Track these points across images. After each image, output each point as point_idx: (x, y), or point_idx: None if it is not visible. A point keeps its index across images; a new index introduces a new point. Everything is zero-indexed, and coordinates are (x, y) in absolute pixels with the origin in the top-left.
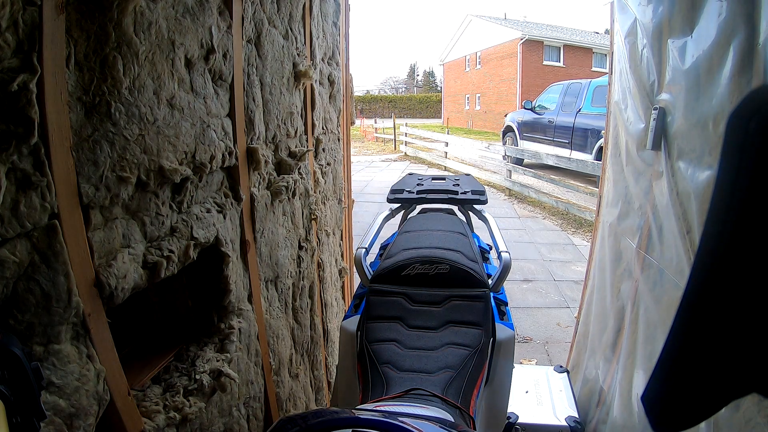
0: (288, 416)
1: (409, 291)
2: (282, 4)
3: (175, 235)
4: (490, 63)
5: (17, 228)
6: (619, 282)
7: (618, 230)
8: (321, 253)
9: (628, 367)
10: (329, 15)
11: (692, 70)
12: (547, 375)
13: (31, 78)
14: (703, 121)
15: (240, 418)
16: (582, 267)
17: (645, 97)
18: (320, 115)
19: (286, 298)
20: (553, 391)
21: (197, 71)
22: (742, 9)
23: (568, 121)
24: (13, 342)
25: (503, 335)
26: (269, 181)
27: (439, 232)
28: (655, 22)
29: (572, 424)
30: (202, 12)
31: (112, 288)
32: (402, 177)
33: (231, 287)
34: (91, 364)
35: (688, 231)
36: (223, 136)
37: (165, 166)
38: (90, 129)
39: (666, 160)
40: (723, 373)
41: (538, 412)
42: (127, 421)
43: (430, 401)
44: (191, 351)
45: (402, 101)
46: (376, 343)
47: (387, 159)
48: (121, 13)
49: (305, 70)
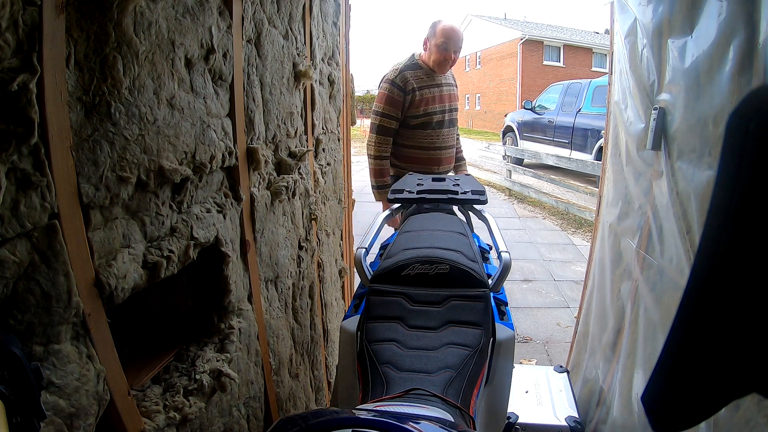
0: (288, 416)
1: (409, 291)
2: (282, 4)
3: (175, 235)
4: (490, 63)
5: (17, 228)
6: (619, 282)
7: (618, 230)
8: (321, 253)
9: (628, 367)
10: (329, 15)
11: (692, 70)
12: (547, 375)
13: (31, 78)
14: (703, 121)
15: (240, 418)
16: (582, 267)
17: (645, 97)
18: (320, 115)
19: (286, 298)
20: (553, 391)
21: (197, 71)
22: (742, 9)
23: (568, 121)
24: (13, 342)
25: (503, 335)
26: (269, 181)
27: (439, 232)
28: (655, 22)
29: (572, 424)
30: (202, 12)
31: (112, 288)
32: (402, 177)
33: (231, 287)
34: (91, 364)
35: (688, 231)
36: (223, 136)
37: (165, 166)
38: (90, 129)
39: (666, 160)
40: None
41: (538, 412)
42: (127, 421)
43: (430, 401)
44: (191, 351)
45: None
46: (376, 343)
47: None
48: (121, 13)
49: (305, 70)
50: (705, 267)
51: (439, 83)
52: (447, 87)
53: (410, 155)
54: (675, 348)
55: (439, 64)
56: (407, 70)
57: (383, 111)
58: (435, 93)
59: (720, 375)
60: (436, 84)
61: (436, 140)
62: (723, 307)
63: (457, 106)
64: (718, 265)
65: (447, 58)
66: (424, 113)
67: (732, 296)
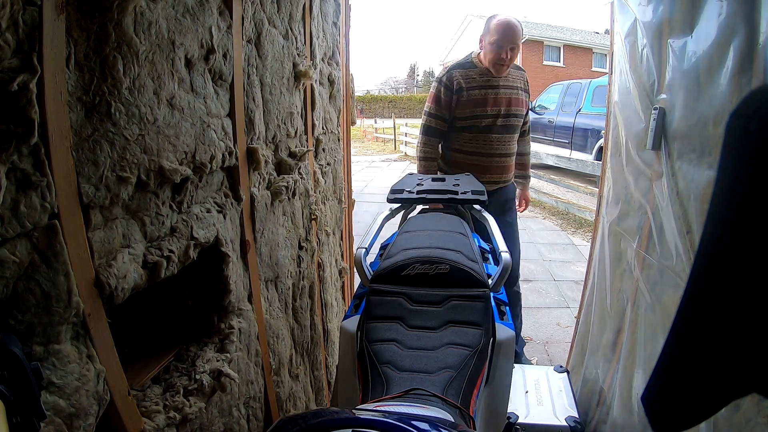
0: (288, 416)
1: (409, 291)
2: (282, 4)
3: (175, 235)
4: None
5: (17, 228)
6: (619, 282)
7: (618, 230)
8: (321, 253)
9: (628, 367)
10: (329, 15)
11: (692, 70)
12: (547, 375)
13: (31, 78)
14: (703, 121)
15: (240, 418)
16: (582, 267)
17: (645, 97)
18: (320, 115)
19: (286, 298)
20: (553, 391)
21: (197, 71)
22: (742, 9)
23: (568, 121)
24: (13, 342)
25: (503, 335)
26: (269, 181)
27: (439, 232)
28: (655, 22)
29: (572, 424)
30: (202, 12)
31: (112, 288)
32: (402, 177)
33: (231, 287)
34: (91, 364)
35: (688, 231)
36: (223, 136)
37: (165, 166)
38: (90, 129)
39: (666, 160)
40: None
41: (538, 412)
42: (127, 421)
43: (430, 401)
44: (191, 351)
45: (402, 101)
46: (376, 343)
47: (387, 159)
48: (121, 13)
49: (305, 70)
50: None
51: (495, 85)
52: (506, 90)
53: (456, 159)
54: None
55: (494, 64)
56: (457, 68)
57: (429, 110)
58: (488, 95)
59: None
60: (491, 85)
61: (484, 145)
62: (723, 307)
63: (519, 111)
64: (717, 266)
65: (502, 57)
66: (471, 115)
67: (732, 296)
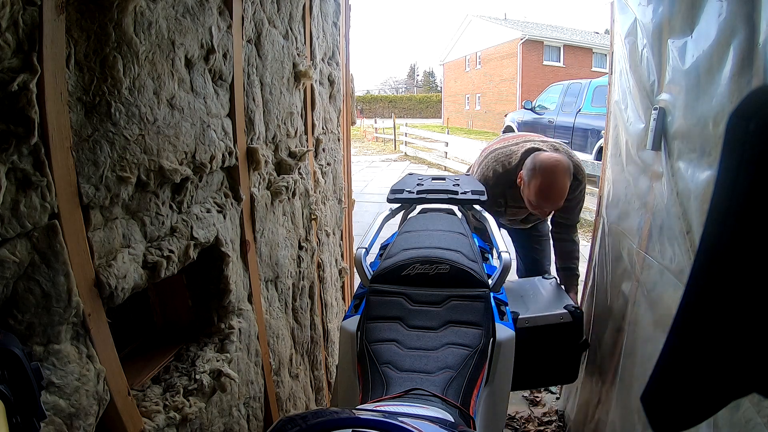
0: (288, 416)
1: (409, 291)
2: (282, 4)
3: (175, 235)
4: (490, 63)
5: (17, 228)
6: (619, 282)
7: (618, 230)
8: (321, 253)
9: (628, 367)
10: (329, 15)
11: (692, 70)
12: (538, 283)
13: (31, 78)
14: (703, 121)
15: (240, 418)
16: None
17: (645, 97)
18: (320, 115)
19: (286, 298)
20: (546, 292)
21: (197, 71)
22: (742, 9)
23: (568, 121)
24: (13, 342)
25: (503, 335)
26: (269, 181)
27: (439, 232)
28: (655, 22)
29: (571, 310)
30: (202, 12)
31: (112, 288)
32: (402, 177)
33: (231, 287)
34: (91, 364)
35: (688, 231)
36: (223, 136)
37: (165, 166)
38: (90, 129)
39: (666, 160)
40: (723, 373)
41: (537, 308)
42: (127, 421)
43: (430, 401)
44: (191, 351)
45: (402, 101)
46: (376, 343)
47: (387, 159)
48: (121, 13)
49: (305, 70)
50: (705, 267)
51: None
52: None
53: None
54: (675, 348)
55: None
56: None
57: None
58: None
59: (720, 375)
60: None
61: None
62: (723, 307)
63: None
64: (718, 265)
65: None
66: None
67: (732, 296)
